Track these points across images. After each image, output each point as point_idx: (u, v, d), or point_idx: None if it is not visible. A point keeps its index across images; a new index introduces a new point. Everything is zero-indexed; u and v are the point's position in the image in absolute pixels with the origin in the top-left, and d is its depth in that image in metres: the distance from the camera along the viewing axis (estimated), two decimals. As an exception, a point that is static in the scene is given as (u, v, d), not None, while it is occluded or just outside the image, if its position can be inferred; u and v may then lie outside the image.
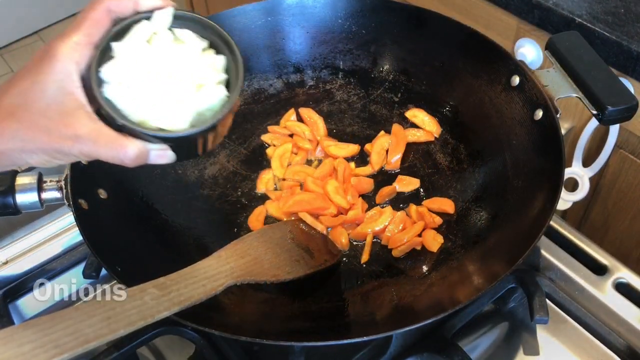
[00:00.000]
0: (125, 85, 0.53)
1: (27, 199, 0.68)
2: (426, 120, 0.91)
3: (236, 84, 0.57)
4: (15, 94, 0.50)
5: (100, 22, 0.52)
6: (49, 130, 0.50)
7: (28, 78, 0.50)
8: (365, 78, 0.95)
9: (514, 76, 0.78)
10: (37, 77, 0.49)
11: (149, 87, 0.54)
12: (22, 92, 0.50)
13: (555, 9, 0.99)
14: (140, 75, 0.54)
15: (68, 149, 0.50)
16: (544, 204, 0.68)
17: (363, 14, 0.92)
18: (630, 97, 0.70)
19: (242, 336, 0.58)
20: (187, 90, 0.55)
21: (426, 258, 0.77)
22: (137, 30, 0.55)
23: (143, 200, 0.79)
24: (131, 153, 0.52)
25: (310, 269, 0.73)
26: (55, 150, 0.51)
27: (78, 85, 0.51)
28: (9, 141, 0.50)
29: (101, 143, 0.51)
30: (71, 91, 0.50)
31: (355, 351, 0.71)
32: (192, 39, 0.57)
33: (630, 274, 0.77)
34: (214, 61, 0.58)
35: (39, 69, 0.50)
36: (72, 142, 0.50)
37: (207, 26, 0.58)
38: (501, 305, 0.79)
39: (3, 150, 0.50)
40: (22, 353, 0.46)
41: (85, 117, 0.50)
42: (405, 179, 0.86)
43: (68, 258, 0.83)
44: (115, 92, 0.53)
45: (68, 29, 0.51)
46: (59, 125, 0.50)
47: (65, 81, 0.50)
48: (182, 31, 0.57)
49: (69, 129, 0.50)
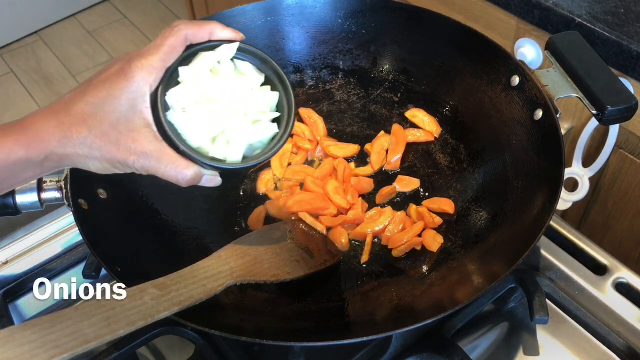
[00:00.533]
0: (189, 112, 0.57)
1: (27, 199, 0.68)
2: (426, 121, 0.91)
3: (288, 123, 0.61)
4: (90, 103, 0.53)
5: (177, 49, 0.56)
6: (118, 143, 0.53)
7: (103, 90, 0.53)
8: (365, 78, 0.95)
9: (514, 76, 0.78)
10: (112, 90, 0.53)
11: (210, 116, 0.57)
12: (96, 102, 0.53)
13: (555, 9, 0.99)
14: (202, 104, 0.57)
15: (132, 162, 0.54)
16: (544, 204, 0.68)
17: (363, 14, 0.92)
18: (630, 97, 0.70)
19: (242, 336, 0.58)
20: (244, 123, 0.59)
21: (426, 258, 0.77)
22: (203, 58, 0.58)
23: (143, 200, 0.79)
24: (189, 176, 0.56)
25: (310, 269, 0.73)
26: (119, 162, 0.54)
27: (148, 106, 0.54)
28: (77, 146, 0.53)
29: (163, 162, 0.55)
30: (141, 110, 0.54)
31: (355, 351, 0.71)
32: (252, 72, 0.61)
33: (630, 274, 0.77)
34: (269, 98, 0.61)
35: (115, 84, 0.53)
36: (137, 157, 0.54)
37: (265, 61, 0.62)
38: (501, 306, 0.79)
39: (70, 153, 0.53)
40: (22, 353, 0.46)
41: (151, 136, 0.54)
42: (405, 179, 0.86)
43: (68, 258, 0.83)
44: (177, 117, 0.56)
45: (147, 50, 0.55)
46: (128, 140, 0.54)
47: (137, 100, 0.54)
48: (243, 64, 0.61)
49: (137, 145, 0.54)
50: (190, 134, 0.57)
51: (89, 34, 2.87)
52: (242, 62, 0.61)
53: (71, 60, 2.75)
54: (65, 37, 2.86)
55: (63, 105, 0.53)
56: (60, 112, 0.53)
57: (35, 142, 0.52)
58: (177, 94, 0.56)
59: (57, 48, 2.81)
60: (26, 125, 0.52)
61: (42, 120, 0.53)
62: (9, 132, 0.52)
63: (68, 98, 0.54)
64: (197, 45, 0.58)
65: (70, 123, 0.52)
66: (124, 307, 0.53)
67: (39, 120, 0.53)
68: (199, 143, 0.58)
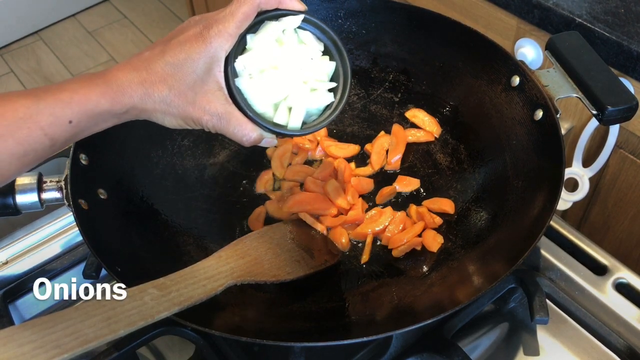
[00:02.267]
0: (255, 78, 0.61)
1: (27, 200, 0.68)
2: (426, 121, 0.91)
3: (344, 92, 0.65)
4: (169, 63, 0.56)
5: (249, 17, 0.59)
6: (194, 103, 0.58)
7: (183, 52, 0.56)
8: (365, 78, 0.95)
9: (514, 76, 0.78)
10: (191, 54, 0.56)
11: (274, 84, 0.61)
12: (176, 63, 0.56)
13: (555, 9, 0.99)
14: (267, 72, 0.61)
15: (205, 121, 0.59)
16: (544, 204, 0.68)
17: (363, 14, 0.92)
18: (630, 97, 0.70)
19: (242, 336, 0.58)
20: (305, 91, 0.63)
21: (426, 258, 0.77)
22: (269, 27, 0.61)
23: (143, 200, 0.79)
24: (252, 138, 0.61)
25: (311, 269, 0.73)
26: (193, 120, 0.59)
27: (221, 70, 0.58)
28: (156, 103, 0.57)
29: (232, 124, 0.60)
30: (215, 74, 0.58)
31: (355, 351, 0.71)
32: (312, 42, 0.64)
33: (630, 274, 0.77)
34: (327, 67, 0.65)
35: (194, 47, 0.57)
36: (210, 117, 0.59)
37: (324, 31, 0.64)
38: (501, 306, 0.79)
39: (149, 108, 0.57)
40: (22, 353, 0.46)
41: (223, 98, 0.59)
42: (406, 179, 0.86)
43: (68, 258, 0.83)
44: (245, 83, 0.60)
45: (223, 17, 0.58)
46: (203, 100, 0.58)
47: (213, 64, 0.58)
48: (305, 33, 0.64)
49: (211, 106, 0.58)
50: (255, 100, 0.61)
51: (89, 34, 2.87)
52: (303, 31, 0.64)
53: (71, 60, 2.74)
54: (65, 37, 2.86)
55: (143, 62, 0.57)
56: (141, 70, 0.56)
57: (120, 97, 0.55)
58: (245, 60, 0.60)
59: (57, 48, 2.81)
60: (110, 80, 0.56)
61: (125, 75, 0.56)
62: (95, 84, 0.55)
63: (147, 56, 0.57)
64: (264, 12, 0.60)
65: (152, 81, 0.56)
66: (124, 307, 0.53)
67: (122, 76, 0.56)
68: (263, 108, 0.62)
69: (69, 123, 0.54)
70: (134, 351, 0.72)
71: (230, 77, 0.59)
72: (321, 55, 0.65)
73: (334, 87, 0.65)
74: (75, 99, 0.54)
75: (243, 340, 0.58)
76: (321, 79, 0.64)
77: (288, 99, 0.62)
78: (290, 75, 0.62)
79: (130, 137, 0.78)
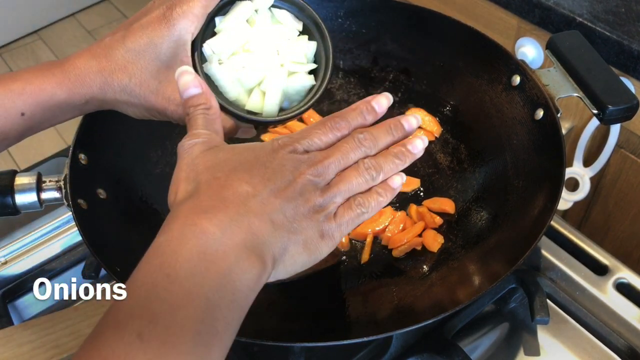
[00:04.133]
0: (225, 63, 0.55)
1: (26, 199, 0.67)
2: (426, 120, 0.90)
3: (325, 75, 0.59)
4: (130, 49, 0.51)
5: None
6: (157, 92, 0.53)
7: (144, 36, 0.51)
8: (365, 77, 0.95)
9: (514, 76, 0.78)
10: (153, 38, 0.51)
11: (246, 68, 0.56)
12: (137, 49, 0.51)
13: (556, 8, 0.99)
14: (238, 55, 0.56)
15: (170, 112, 0.54)
16: (545, 204, 0.68)
17: (363, 13, 0.91)
18: (631, 97, 0.70)
19: (242, 336, 0.58)
20: (281, 75, 0.57)
21: (426, 258, 0.77)
22: (240, 7, 0.56)
23: (143, 200, 0.79)
24: (225, 129, 0.55)
25: (311, 269, 0.73)
26: (157, 111, 0.54)
27: (188, 55, 0.53)
28: (117, 93, 0.52)
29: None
30: (181, 59, 0.52)
31: (356, 352, 0.71)
32: (289, 20, 0.58)
33: (631, 274, 0.77)
34: (306, 48, 0.59)
35: (157, 31, 0.51)
36: (175, 107, 0.53)
37: (302, 8, 0.59)
38: (502, 306, 0.79)
39: (110, 99, 0.53)
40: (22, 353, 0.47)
41: None
42: (406, 179, 0.86)
43: (68, 258, 0.83)
44: (214, 68, 0.55)
45: None
46: (167, 89, 0.53)
47: (178, 49, 0.52)
48: (281, 12, 0.58)
49: (176, 95, 0.52)
50: (226, 86, 0.56)
51: (89, 34, 2.87)
52: (279, 10, 0.58)
53: (71, 60, 2.74)
54: (64, 37, 2.86)
55: (103, 49, 0.52)
56: (101, 57, 0.52)
57: (77, 87, 0.52)
58: (214, 44, 0.55)
59: (56, 47, 2.80)
60: (68, 69, 0.52)
61: (83, 64, 0.52)
62: (51, 73, 0.51)
63: (108, 42, 0.53)
64: None
65: (111, 69, 0.52)
66: (123, 308, 0.53)
67: (80, 65, 0.52)
68: (235, 95, 0.57)
69: (21, 115, 0.50)
70: (134, 351, 0.72)
71: (198, 63, 0.54)
72: (299, 35, 0.59)
73: (315, 69, 0.59)
74: (27, 89, 0.50)
75: (243, 340, 0.58)
76: (299, 61, 0.59)
77: (262, 84, 0.57)
78: (263, 58, 0.56)
79: (130, 137, 0.78)
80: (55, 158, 0.94)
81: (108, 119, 0.63)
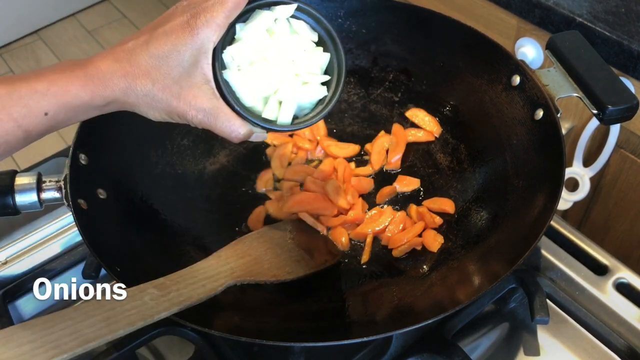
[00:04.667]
0: (243, 71, 0.58)
1: (27, 199, 0.67)
2: (426, 120, 0.90)
3: (337, 87, 0.61)
4: (154, 55, 0.53)
5: (240, 5, 0.55)
6: (179, 97, 0.55)
7: (168, 43, 0.53)
8: (365, 77, 0.95)
9: (514, 76, 0.78)
10: (176, 45, 0.53)
11: (263, 77, 0.58)
12: (160, 55, 0.53)
13: (555, 8, 0.99)
14: (257, 64, 0.58)
15: (191, 116, 0.56)
16: (545, 204, 0.68)
17: (363, 13, 0.91)
18: (631, 97, 0.70)
19: (242, 336, 0.58)
20: (296, 85, 0.60)
21: (426, 258, 0.77)
22: (260, 17, 0.58)
23: (143, 200, 0.79)
24: (241, 134, 0.58)
25: (311, 269, 0.73)
26: (178, 114, 0.56)
27: (209, 62, 0.55)
28: (139, 97, 0.55)
29: (220, 120, 0.57)
30: (202, 67, 0.55)
31: (356, 351, 0.71)
32: (306, 31, 0.61)
33: (631, 274, 0.77)
34: (320, 59, 0.61)
35: (180, 39, 0.53)
36: (196, 112, 0.56)
37: (318, 20, 0.61)
38: (502, 306, 0.79)
39: (132, 102, 0.55)
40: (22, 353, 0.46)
41: (210, 92, 0.56)
42: (406, 179, 0.86)
43: (68, 258, 0.83)
44: (233, 75, 0.58)
45: (212, 5, 0.54)
46: (189, 95, 0.55)
47: (200, 57, 0.54)
48: (298, 22, 0.61)
49: (197, 101, 0.55)
50: (244, 93, 0.58)
51: (89, 34, 2.87)
52: (297, 20, 0.61)
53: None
54: (64, 37, 2.86)
55: (126, 54, 0.54)
56: (124, 61, 0.54)
57: (100, 90, 0.53)
58: (234, 52, 0.57)
59: (56, 47, 2.80)
60: (91, 71, 0.53)
61: (107, 67, 0.54)
62: (75, 75, 0.53)
63: (131, 46, 0.54)
64: (255, 0, 0.58)
65: (135, 74, 0.54)
66: (123, 307, 0.53)
67: (104, 68, 0.54)
68: (252, 102, 0.59)
69: (44, 115, 0.51)
70: (134, 351, 0.72)
71: (218, 70, 0.56)
72: (315, 46, 0.61)
73: (327, 81, 0.62)
74: (52, 90, 0.51)
75: (243, 340, 0.58)
76: (314, 72, 0.61)
77: (278, 93, 0.59)
78: (281, 67, 0.59)
79: (129, 137, 0.78)
80: (55, 158, 0.94)
81: (108, 119, 0.63)
